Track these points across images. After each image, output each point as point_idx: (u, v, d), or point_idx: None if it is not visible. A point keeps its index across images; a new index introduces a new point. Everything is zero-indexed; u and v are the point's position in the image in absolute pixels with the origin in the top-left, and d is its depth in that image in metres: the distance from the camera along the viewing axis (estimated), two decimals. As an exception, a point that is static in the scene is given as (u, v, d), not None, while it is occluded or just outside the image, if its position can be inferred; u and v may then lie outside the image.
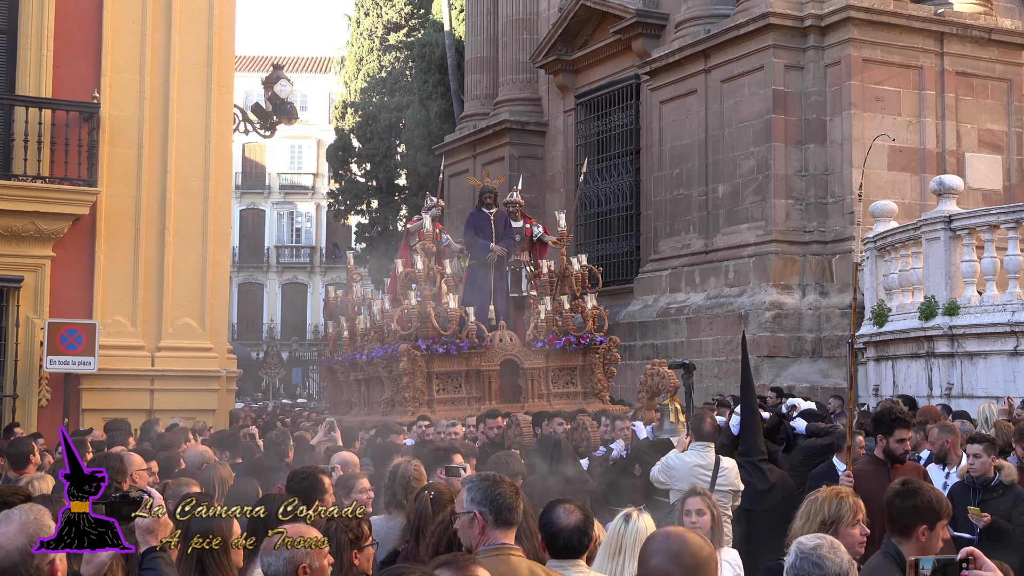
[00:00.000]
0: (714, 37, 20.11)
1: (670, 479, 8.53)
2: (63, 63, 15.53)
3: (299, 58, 59.09)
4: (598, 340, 15.18)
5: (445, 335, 14.30)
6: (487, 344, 14.63)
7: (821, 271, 18.83)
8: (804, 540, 3.85)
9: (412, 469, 6.32)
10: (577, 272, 15.39)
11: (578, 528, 4.36)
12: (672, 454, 8.73)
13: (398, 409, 14.44)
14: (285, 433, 10.15)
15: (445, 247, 16.56)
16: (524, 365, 14.87)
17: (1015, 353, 13.60)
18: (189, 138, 16.04)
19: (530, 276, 16.19)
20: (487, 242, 15.77)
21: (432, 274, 14.99)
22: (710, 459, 8.45)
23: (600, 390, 15.24)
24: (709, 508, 5.89)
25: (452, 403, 14.45)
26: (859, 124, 18.73)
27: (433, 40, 35.65)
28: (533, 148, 27.59)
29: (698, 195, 20.69)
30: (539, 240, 16.67)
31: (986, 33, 19.77)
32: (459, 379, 14.65)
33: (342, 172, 40.15)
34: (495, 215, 16.11)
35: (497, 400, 14.41)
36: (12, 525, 3.40)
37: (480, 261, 15.84)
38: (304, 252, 57.27)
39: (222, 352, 16.53)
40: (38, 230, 14.97)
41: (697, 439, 8.60)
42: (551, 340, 14.83)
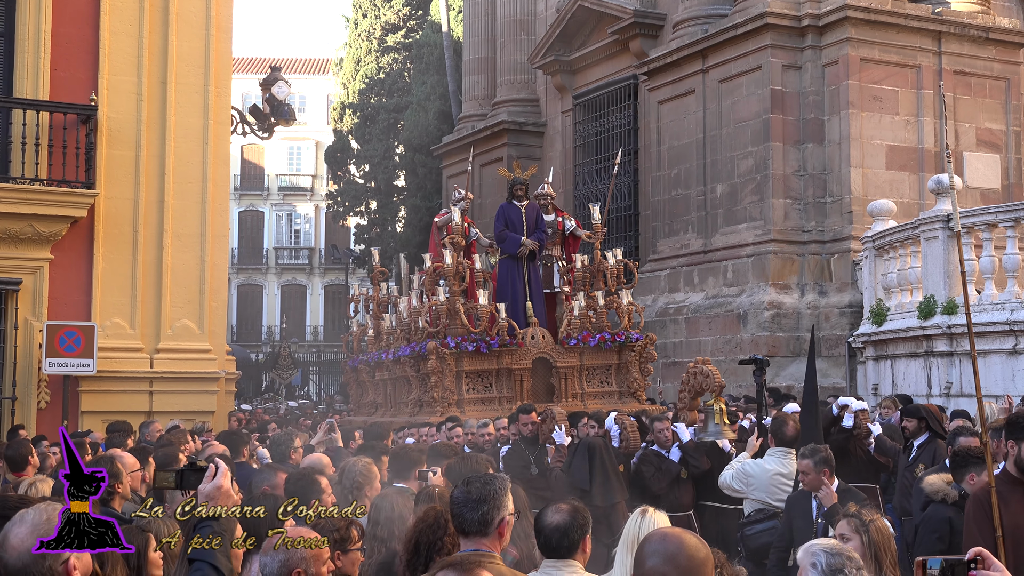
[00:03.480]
0: (712, 37, 20.12)
1: (746, 487, 7.77)
2: (60, 65, 15.52)
3: (297, 60, 59.06)
4: (634, 337, 14.68)
5: (475, 332, 13.80)
6: (519, 342, 14.11)
7: (820, 270, 18.83)
8: (818, 544, 3.84)
9: (361, 467, 6.23)
10: (612, 267, 14.90)
11: (558, 528, 4.36)
12: (749, 460, 7.97)
13: (426, 409, 14.01)
14: (289, 434, 10.13)
15: (474, 241, 15.82)
16: (557, 363, 14.35)
17: (1014, 352, 13.61)
18: (187, 140, 16.02)
19: (563, 271, 15.64)
20: (518, 236, 14.99)
21: (461, 269, 14.33)
22: (791, 467, 7.56)
23: (636, 389, 14.73)
24: (858, 531, 4.84)
25: (482, 403, 13.95)
26: (857, 123, 18.74)
27: (431, 41, 35.67)
28: (531, 149, 27.59)
29: (696, 195, 20.70)
30: (571, 234, 16.04)
31: (984, 32, 19.79)
32: (490, 378, 14.15)
33: (341, 173, 40.18)
34: (526, 208, 15.30)
35: (529, 399, 13.65)
36: (24, 526, 3.41)
37: (511, 256, 15.09)
38: (303, 254, 57.25)
39: (221, 354, 16.52)
40: (36, 232, 14.96)
41: (778, 444, 7.80)
42: (585, 337, 14.32)
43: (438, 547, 4.47)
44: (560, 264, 15.78)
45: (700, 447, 9.84)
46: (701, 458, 9.75)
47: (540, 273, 15.49)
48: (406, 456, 7.10)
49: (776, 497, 7.63)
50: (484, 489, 4.29)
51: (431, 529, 4.56)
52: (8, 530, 3.45)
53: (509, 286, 15.09)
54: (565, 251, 16.00)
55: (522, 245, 14.96)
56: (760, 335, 18.20)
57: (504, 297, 14.81)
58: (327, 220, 53.35)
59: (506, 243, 15.16)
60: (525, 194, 15.55)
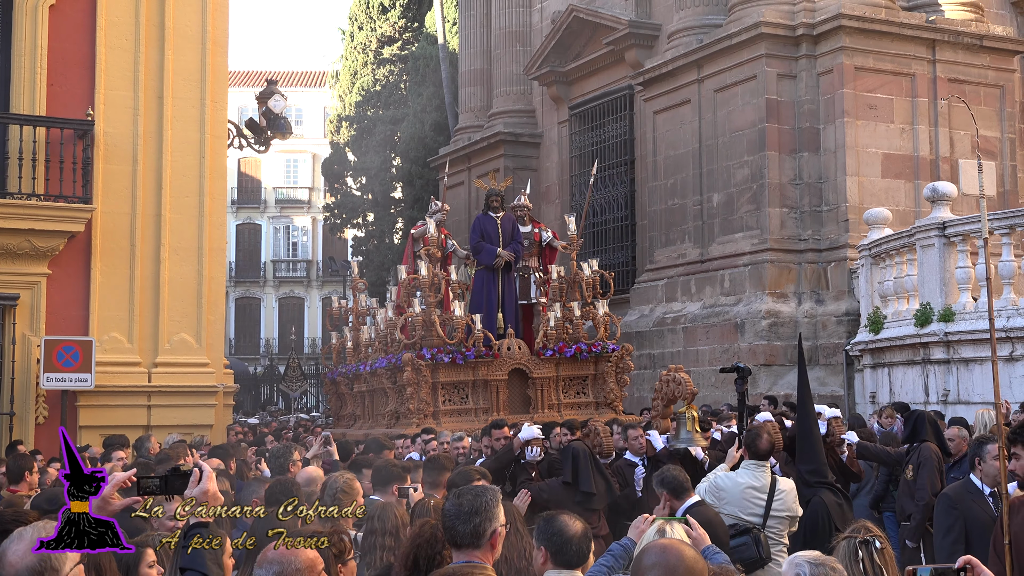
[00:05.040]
0: (707, 47, 20.17)
1: (719, 501, 7.44)
2: (57, 81, 15.56)
3: (293, 72, 59.16)
4: (610, 348, 14.79)
5: (451, 344, 13.90)
6: (495, 353, 14.22)
7: (816, 279, 18.85)
8: (802, 556, 3.84)
9: (343, 483, 6.19)
10: (588, 278, 15.02)
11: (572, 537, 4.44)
12: (721, 473, 7.70)
13: (402, 421, 14.05)
14: (288, 447, 10.13)
15: (451, 253, 15.99)
16: (533, 374, 14.46)
17: (1010, 359, 13.62)
18: (183, 154, 16.05)
19: (539, 282, 15.73)
20: (494, 247, 15.13)
21: (437, 280, 14.49)
22: (765, 480, 7.45)
23: (613, 400, 14.83)
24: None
25: (458, 414, 14.05)
26: (852, 132, 18.78)
27: (427, 53, 35.73)
28: (528, 160, 27.63)
29: (693, 204, 20.73)
30: (548, 245, 16.12)
31: (978, 40, 19.84)
32: (466, 389, 14.24)
33: (338, 186, 40.17)
34: (502, 219, 15.43)
35: (506, 411, 13.92)
36: (23, 543, 3.43)
37: (487, 267, 15.21)
38: (301, 266, 57.27)
39: (219, 367, 16.52)
40: (33, 248, 14.98)
41: (751, 457, 7.58)
42: (561, 348, 14.45)
43: (437, 561, 4.47)
44: (537, 275, 15.85)
45: (673, 455, 9.81)
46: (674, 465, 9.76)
47: (516, 284, 15.59)
48: (387, 471, 7.08)
49: (748, 511, 7.31)
50: (476, 501, 4.29)
51: (428, 544, 4.56)
52: (6, 547, 3.47)
53: (485, 297, 15.18)
54: (542, 262, 16.08)
55: (497, 256, 15.07)
56: (758, 344, 18.21)
57: (479, 308, 14.87)
58: (324, 232, 53.34)
59: (482, 254, 15.30)
60: (501, 205, 15.65)
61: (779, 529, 7.33)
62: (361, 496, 6.27)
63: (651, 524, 4.98)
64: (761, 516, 7.31)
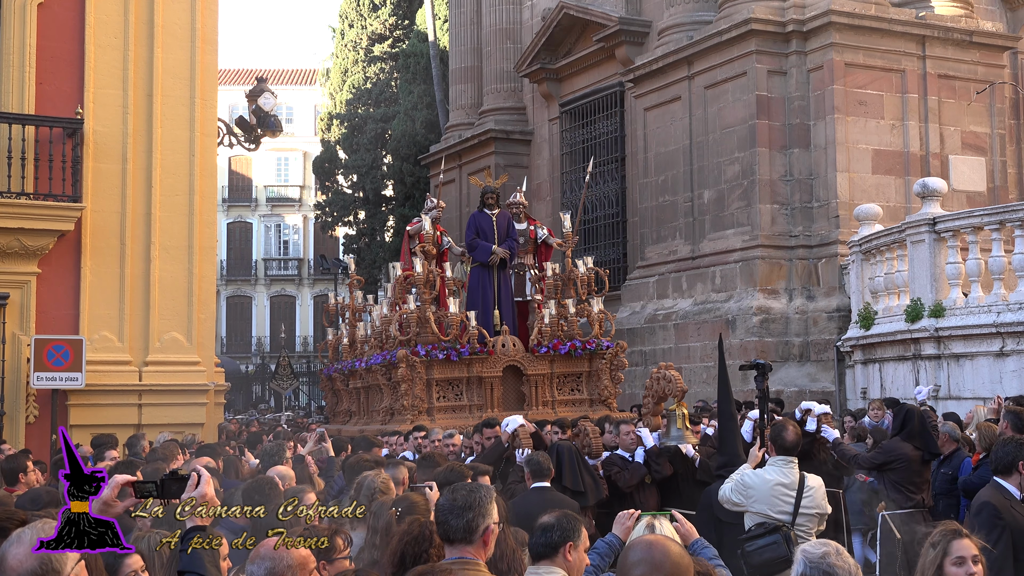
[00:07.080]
0: (697, 44, 20.19)
1: (746, 500, 7.25)
2: (46, 79, 15.50)
3: (284, 70, 59.06)
4: (604, 345, 14.78)
5: (445, 340, 13.89)
6: (489, 349, 14.19)
7: (807, 275, 18.88)
8: (809, 548, 3.86)
9: (380, 482, 6.18)
10: (583, 275, 15.02)
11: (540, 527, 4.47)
12: (748, 471, 7.49)
13: (397, 418, 14.05)
14: (281, 445, 10.11)
15: (446, 250, 15.93)
16: (528, 371, 14.44)
17: (1001, 354, 13.66)
18: (173, 152, 16.00)
19: (534, 279, 15.74)
20: (489, 244, 15.18)
21: (432, 277, 14.46)
22: (794, 476, 7.22)
23: (607, 397, 14.82)
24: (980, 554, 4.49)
25: (453, 411, 14.04)
26: (843, 128, 18.81)
27: (418, 51, 35.71)
28: (519, 157, 27.62)
29: (684, 201, 20.75)
30: (543, 242, 16.15)
31: (967, 36, 19.88)
32: (460, 386, 14.22)
33: (329, 184, 40.13)
34: (497, 216, 15.48)
35: (500, 408, 13.87)
36: (23, 546, 3.42)
37: (482, 264, 15.25)
38: (292, 264, 57.20)
39: (210, 366, 16.49)
40: (23, 246, 14.92)
41: (779, 452, 7.35)
42: (555, 345, 14.44)
43: (424, 559, 4.47)
44: (532, 272, 15.88)
45: (663, 452, 9.82)
46: (664, 463, 9.76)
47: (511, 281, 15.62)
48: (359, 468, 7.06)
49: (778, 509, 7.15)
50: (469, 496, 4.30)
51: (416, 542, 4.56)
52: (6, 551, 3.45)
53: (480, 294, 15.22)
54: (537, 259, 16.11)
55: (492, 253, 15.12)
56: (749, 340, 18.24)
57: (475, 305, 14.91)
58: (316, 231, 53.31)
59: (477, 251, 15.33)
60: (496, 202, 15.70)
61: (808, 527, 7.16)
62: (394, 494, 6.25)
63: (636, 519, 4.99)
64: (791, 514, 7.14)
